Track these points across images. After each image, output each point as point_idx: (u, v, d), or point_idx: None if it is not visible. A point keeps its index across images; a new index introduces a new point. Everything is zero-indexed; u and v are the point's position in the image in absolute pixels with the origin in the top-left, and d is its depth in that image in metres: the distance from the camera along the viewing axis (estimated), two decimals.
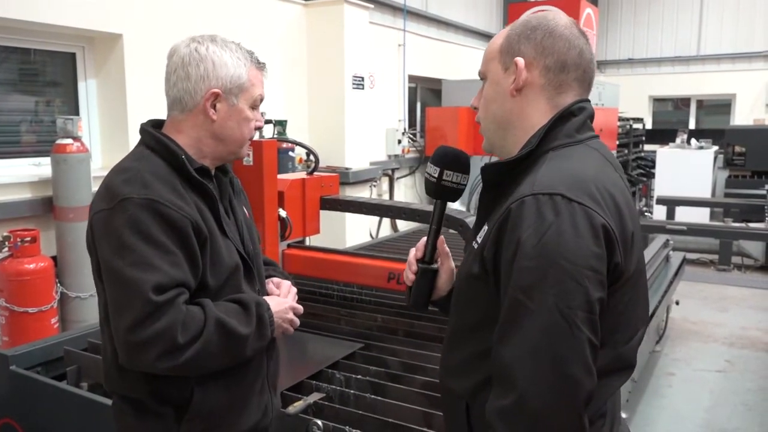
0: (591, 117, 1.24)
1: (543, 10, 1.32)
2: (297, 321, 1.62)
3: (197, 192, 1.45)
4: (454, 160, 1.38)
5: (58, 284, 4.03)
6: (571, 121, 1.20)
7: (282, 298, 1.61)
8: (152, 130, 1.49)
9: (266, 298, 1.57)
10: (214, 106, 1.47)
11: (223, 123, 1.48)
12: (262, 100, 1.56)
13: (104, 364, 1.52)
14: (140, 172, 1.39)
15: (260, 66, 1.56)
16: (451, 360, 1.29)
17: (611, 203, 1.10)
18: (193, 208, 1.41)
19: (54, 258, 4.07)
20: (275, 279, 1.71)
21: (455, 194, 1.41)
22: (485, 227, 1.20)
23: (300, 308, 1.63)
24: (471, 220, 2.77)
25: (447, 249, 1.45)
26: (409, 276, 1.43)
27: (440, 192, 1.40)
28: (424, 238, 1.43)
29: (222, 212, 1.50)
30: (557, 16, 1.23)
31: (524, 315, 1.03)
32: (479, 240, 1.19)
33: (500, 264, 1.10)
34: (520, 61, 1.20)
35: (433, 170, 1.39)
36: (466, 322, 1.24)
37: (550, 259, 1.02)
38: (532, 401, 1.02)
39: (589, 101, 1.25)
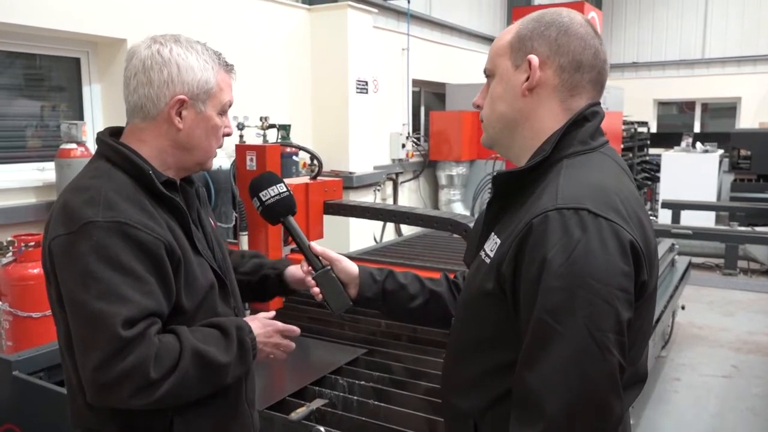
0: (602, 121, 1.20)
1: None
2: (287, 343, 1.50)
3: (166, 209, 1.34)
4: (260, 182, 1.53)
5: None
6: (585, 127, 1.14)
7: (267, 320, 1.49)
8: (111, 141, 1.36)
9: (248, 319, 1.45)
10: (179, 114, 1.35)
11: (189, 132, 1.37)
12: (231, 105, 1.45)
13: (68, 398, 1.39)
14: (103, 191, 1.25)
15: (229, 68, 1.43)
16: (456, 376, 1.23)
17: (635, 217, 1.05)
18: (164, 229, 1.29)
19: None
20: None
21: (287, 205, 1.53)
22: (495, 238, 1.14)
23: (292, 329, 1.51)
24: None
25: (331, 254, 1.53)
26: (315, 290, 1.51)
27: (273, 212, 1.52)
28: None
29: (193, 228, 1.39)
30: (571, 14, 1.17)
31: (552, 338, 0.98)
32: (491, 253, 1.13)
33: (520, 282, 1.04)
34: (534, 59, 1.14)
35: (255, 202, 1.53)
36: (474, 338, 1.18)
37: (579, 278, 0.97)
38: (563, 429, 0.97)
39: (600, 105, 1.20)
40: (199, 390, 1.31)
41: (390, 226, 7.39)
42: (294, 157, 5.66)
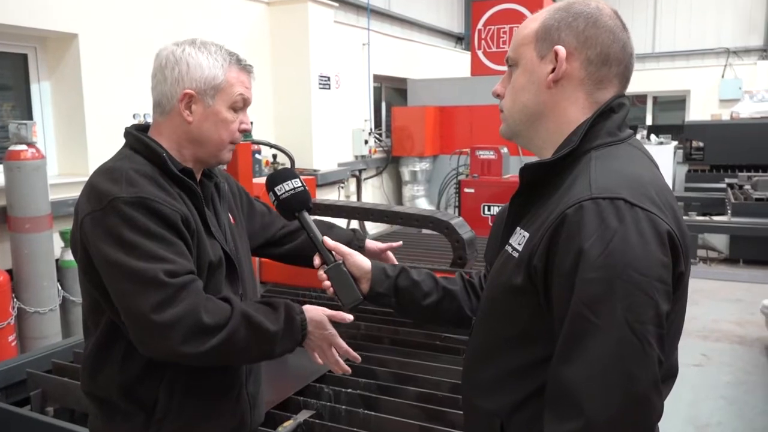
0: (628, 113, 1.18)
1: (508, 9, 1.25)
2: (341, 343, 1.51)
3: (181, 189, 1.45)
4: (276, 177, 1.56)
5: (15, 299, 3.80)
6: (612, 119, 1.13)
7: (320, 308, 1.52)
8: (135, 132, 1.49)
9: (304, 307, 1.50)
10: (189, 108, 1.45)
11: (199, 125, 1.46)
12: (245, 101, 1.52)
13: (81, 368, 1.52)
14: (125, 171, 1.38)
15: (244, 67, 1.53)
16: (481, 376, 1.19)
17: (669, 208, 1.03)
18: (180, 203, 1.41)
19: (9, 272, 3.83)
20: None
21: (301, 200, 1.54)
22: (522, 232, 1.11)
23: (343, 317, 1.50)
24: (456, 222, 2.68)
25: (344, 249, 1.50)
26: (326, 284, 1.48)
27: (287, 206, 1.54)
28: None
29: (207, 211, 1.50)
30: (599, 4, 1.14)
31: (590, 331, 0.94)
32: (519, 247, 1.09)
33: (552, 274, 1.00)
34: (561, 50, 1.11)
35: (271, 196, 1.54)
36: (501, 335, 1.15)
37: (618, 269, 0.93)
38: (603, 426, 0.93)
39: (626, 97, 1.18)
40: (247, 353, 1.40)
41: (353, 223, 7.28)
42: (257, 155, 5.50)
